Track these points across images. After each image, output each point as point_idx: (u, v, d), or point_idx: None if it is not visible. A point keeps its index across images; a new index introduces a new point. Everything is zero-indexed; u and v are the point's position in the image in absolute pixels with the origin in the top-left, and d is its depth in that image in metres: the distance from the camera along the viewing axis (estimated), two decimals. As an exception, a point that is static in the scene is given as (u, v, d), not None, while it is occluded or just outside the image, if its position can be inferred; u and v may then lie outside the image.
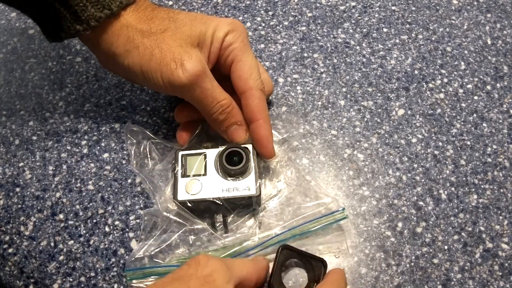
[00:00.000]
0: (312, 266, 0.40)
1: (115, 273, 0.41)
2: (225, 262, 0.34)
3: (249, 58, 0.42)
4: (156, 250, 0.40)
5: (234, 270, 0.34)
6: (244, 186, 0.41)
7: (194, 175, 0.42)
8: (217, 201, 0.41)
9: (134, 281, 0.39)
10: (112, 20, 0.41)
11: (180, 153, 0.43)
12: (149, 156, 0.45)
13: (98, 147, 0.48)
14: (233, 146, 0.42)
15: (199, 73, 0.39)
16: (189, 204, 0.41)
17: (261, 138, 0.42)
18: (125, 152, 0.47)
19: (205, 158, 0.43)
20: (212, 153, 0.43)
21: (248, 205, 0.42)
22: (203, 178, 0.42)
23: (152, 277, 0.39)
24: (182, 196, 0.41)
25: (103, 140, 0.48)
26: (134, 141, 0.46)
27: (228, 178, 0.42)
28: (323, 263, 0.40)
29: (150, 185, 0.43)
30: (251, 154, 0.42)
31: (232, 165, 0.41)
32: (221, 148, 0.43)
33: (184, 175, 0.42)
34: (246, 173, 0.42)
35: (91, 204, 0.45)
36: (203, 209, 0.42)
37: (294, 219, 0.42)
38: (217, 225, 0.42)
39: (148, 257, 0.40)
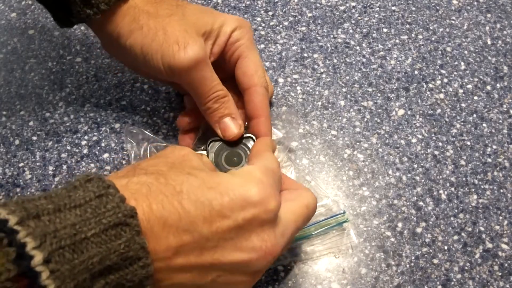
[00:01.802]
0: (245, 144, 0.41)
1: (115, 273, 0.41)
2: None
3: (255, 56, 0.43)
4: None
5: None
6: None
7: None
8: None
9: None
10: (121, 3, 0.40)
11: None
12: (148, 157, 0.45)
13: (98, 147, 0.48)
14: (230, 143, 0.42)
15: (201, 59, 0.39)
16: None
17: (262, 135, 0.42)
18: (125, 152, 0.47)
19: (207, 157, 0.42)
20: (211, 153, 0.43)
21: None
22: None
23: None
24: None
25: (103, 140, 0.48)
26: (134, 143, 0.45)
27: None
28: (252, 138, 0.41)
29: None
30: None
31: (231, 165, 0.41)
32: (216, 144, 0.42)
33: None
34: None
35: (91, 204, 0.45)
36: None
37: None
38: None
39: None
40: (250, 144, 0.42)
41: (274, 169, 0.34)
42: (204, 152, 0.42)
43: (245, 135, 0.42)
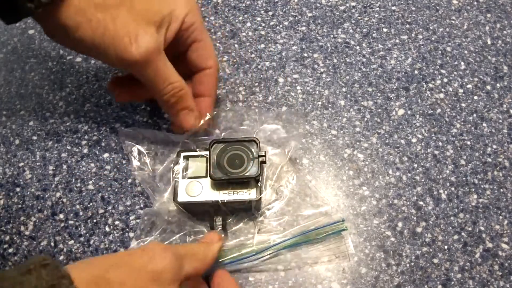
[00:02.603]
0: (247, 147, 0.41)
1: (115, 273, 0.41)
2: (177, 259, 0.33)
3: (208, 38, 0.43)
4: None
5: (183, 268, 0.33)
6: (244, 190, 0.41)
7: (195, 177, 0.42)
8: (217, 204, 0.40)
9: None
10: None
11: (183, 154, 0.43)
12: (148, 158, 0.45)
13: (98, 147, 0.48)
14: (236, 141, 0.42)
15: (153, 50, 0.38)
16: (189, 206, 0.41)
17: (207, 112, 0.44)
18: (125, 152, 0.47)
19: (207, 160, 0.42)
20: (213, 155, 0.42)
21: (247, 209, 0.42)
22: (203, 180, 0.41)
23: None
24: (182, 197, 0.41)
25: (103, 140, 0.48)
26: (134, 144, 0.45)
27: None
28: (255, 141, 0.41)
29: (149, 188, 0.43)
30: (255, 155, 0.41)
31: (233, 168, 0.41)
32: (218, 146, 0.42)
33: (185, 176, 0.42)
34: None
35: (91, 204, 0.45)
36: (203, 211, 0.42)
37: (293, 228, 0.41)
38: (216, 228, 0.42)
39: None
40: (253, 147, 0.41)
41: None
42: (204, 153, 0.42)
43: (248, 138, 0.42)
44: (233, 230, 0.42)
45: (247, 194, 0.40)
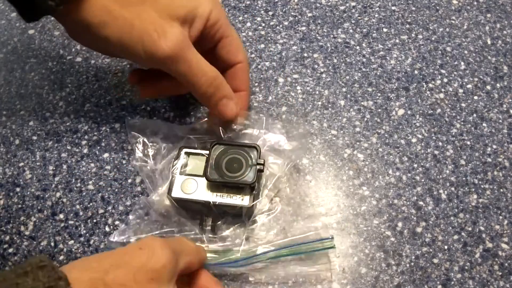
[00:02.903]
0: (248, 152, 0.41)
1: (115, 273, 0.41)
2: (174, 256, 0.32)
3: (235, 33, 0.43)
4: (141, 236, 0.40)
5: (180, 261, 0.33)
6: (238, 195, 0.40)
7: (192, 174, 0.42)
8: (209, 205, 0.40)
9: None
10: None
11: (184, 150, 0.43)
12: (152, 151, 0.45)
13: (98, 147, 0.48)
14: (237, 145, 0.41)
15: (182, 43, 0.38)
16: (181, 202, 0.41)
17: (243, 107, 0.43)
18: (125, 152, 0.47)
19: (208, 159, 0.41)
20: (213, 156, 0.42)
21: (239, 215, 0.41)
22: (200, 179, 0.41)
23: None
24: (176, 193, 0.41)
25: (103, 140, 0.48)
26: (140, 136, 0.45)
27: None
28: (256, 148, 0.41)
29: (148, 180, 0.43)
30: (253, 162, 0.41)
31: (230, 171, 0.40)
32: (220, 147, 0.41)
33: (183, 172, 0.42)
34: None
35: (91, 204, 0.45)
36: (195, 209, 0.42)
37: (282, 239, 0.40)
38: (206, 227, 0.41)
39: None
40: (253, 153, 0.41)
41: None
42: (205, 152, 0.42)
43: (250, 144, 0.42)
44: (222, 234, 0.41)
45: (240, 200, 0.40)
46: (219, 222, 0.42)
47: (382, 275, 0.41)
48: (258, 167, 0.40)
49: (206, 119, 0.45)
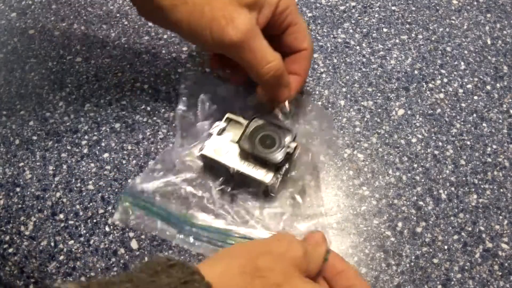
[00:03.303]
0: (282, 134, 0.42)
1: (115, 273, 0.41)
2: (305, 255, 0.34)
3: (303, 21, 0.43)
4: (161, 187, 0.43)
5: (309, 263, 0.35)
6: (263, 170, 0.42)
7: (227, 139, 0.43)
8: (233, 171, 0.42)
9: (126, 204, 0.42)
10: None
11: (227, 115, 0.45)
12: (199, 107, 0.46)
13: (98, 147, 0.48)
14: (272, 125, 0.43)
15: (250, 31, 0.38)
16: (208, 161, 0.43)
17: (296, 90, 0.44)
18: (125, 152, 0.47)
19: (246, 129, 0.43)
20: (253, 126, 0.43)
21: (256, 189, 0.43)
22: (233, 145, 0.43)
23: (145, 212, 0.42)
24: (207, 151, 0.43)
25: (103, 140, 0.48)
26: (189, 89, 0.47)
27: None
28: (291, 131, 0.42)
29: (182, 133, 0.45)
30: (285, 144, 0.42)
31: (263, 146, 0.42)
32: (259, 122, 0.43)
33: (220, 134, 0.44)
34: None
35: (91, 204, 0.45)
36: (220, 171, 0.43)
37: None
38: (225, 191, 0.43)
39: (149, 192, 0.43)
40: (288, 136, 0.42)
41: None
42: (245, 122, 0.44)
43: (286, 127, 0.43)
44: (233, 205, 0.43)
45: (262, 175, 0.41)
46: (237, 193, 0.43)
47: (382, 275, 0.41)
48: (288, 150, 0.42)
49: (256, 93, 0.45)
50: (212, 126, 0.45)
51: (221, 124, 0.44)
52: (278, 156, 0.41)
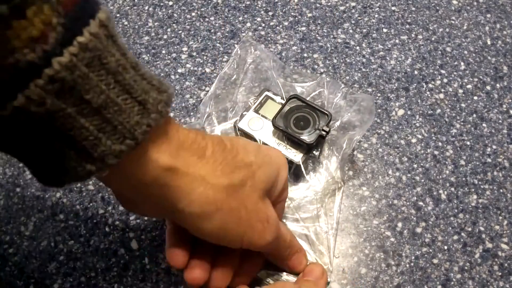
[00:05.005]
0: (318, 116, 0.43)
1: (115, 273, 0.41)
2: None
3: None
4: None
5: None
6: (294, 150, 0.43)
7: (263, 116, 0.45)
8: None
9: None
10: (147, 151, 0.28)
11: (266, 92, 0.46)
12: (242, 74, 0.48)
13: (98, 147, 0.48)
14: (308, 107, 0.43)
15: (278, 224, 0.35)
16: (241, 134, 0.45)
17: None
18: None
19: (282, 108, 0.44)
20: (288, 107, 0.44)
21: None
22: (267, 122, 0.44)
23: None
24: (242, 125, 0.45)
25: (103, 140, 0.48)
26: (242, 52, 0.49)
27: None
28: (327, 115, 0.43)
29: (219, 96, 0.47)
30: (319, 127, 0.42)
31: (296, 127, 0.43)
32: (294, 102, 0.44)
33: (256, 110, 0.45)
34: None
35: (91, 204, 0.45)
36: None
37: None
38: None
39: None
40: (323, 119, 0.43)
41: None
42: (282, 101, 0.45)
43: (324, 110, 0.43)
44: None
45: (292, 154, 0.43)
46: None
47: (382, 275, 0.41)
48: (321, 132, 0.42)
49: None
50: (251, 100, 0.47)
51: (259, 99, 0.46)
52: (310, 137, 0.42)
